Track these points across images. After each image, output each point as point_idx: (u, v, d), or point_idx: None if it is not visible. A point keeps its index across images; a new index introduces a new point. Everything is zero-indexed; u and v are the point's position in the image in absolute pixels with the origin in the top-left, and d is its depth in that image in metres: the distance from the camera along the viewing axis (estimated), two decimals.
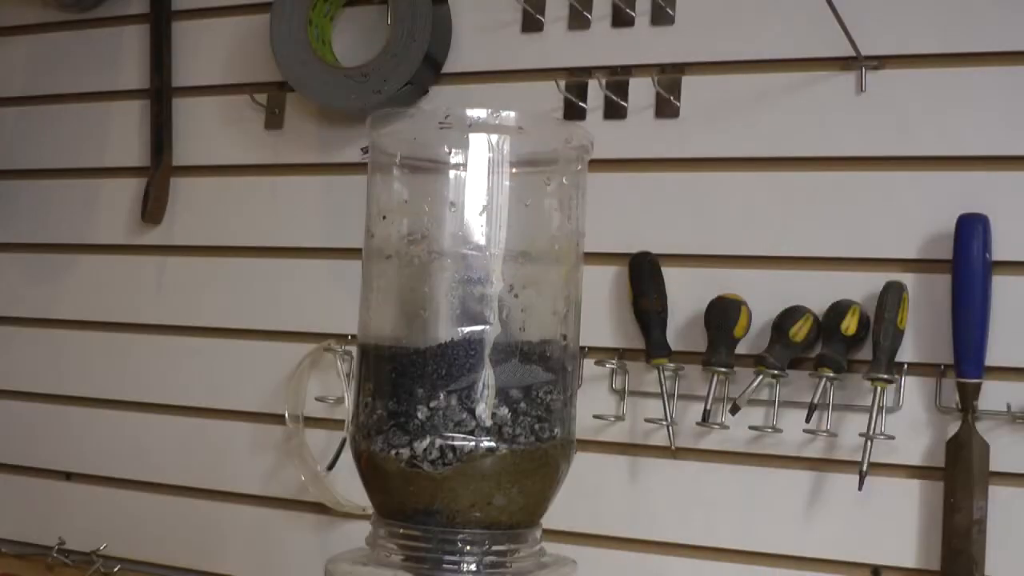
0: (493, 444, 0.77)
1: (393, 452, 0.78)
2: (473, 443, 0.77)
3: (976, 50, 1.16)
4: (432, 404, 0.78)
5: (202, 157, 1.52)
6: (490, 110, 0.79)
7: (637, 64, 1.30)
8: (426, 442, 0.77)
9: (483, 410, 0.77)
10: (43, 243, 1.60)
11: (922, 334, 1.17)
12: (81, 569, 1.47)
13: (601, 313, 1.29)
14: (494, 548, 0.80)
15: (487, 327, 0.78)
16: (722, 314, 1.20)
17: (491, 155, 0.80)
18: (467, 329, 0.78)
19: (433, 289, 0.83)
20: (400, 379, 0.79)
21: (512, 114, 0.79)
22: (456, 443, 0.77)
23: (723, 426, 1.21)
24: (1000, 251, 1.14)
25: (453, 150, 0.81)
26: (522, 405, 0.79)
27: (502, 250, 0.80)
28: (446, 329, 0.80)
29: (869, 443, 1.13)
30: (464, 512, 0.78)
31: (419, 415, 0.78)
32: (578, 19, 1.33)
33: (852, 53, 1.18)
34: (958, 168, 1.17)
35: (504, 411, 0.78)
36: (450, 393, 0.78)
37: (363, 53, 1.40)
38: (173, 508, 1.48)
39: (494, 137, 0.80)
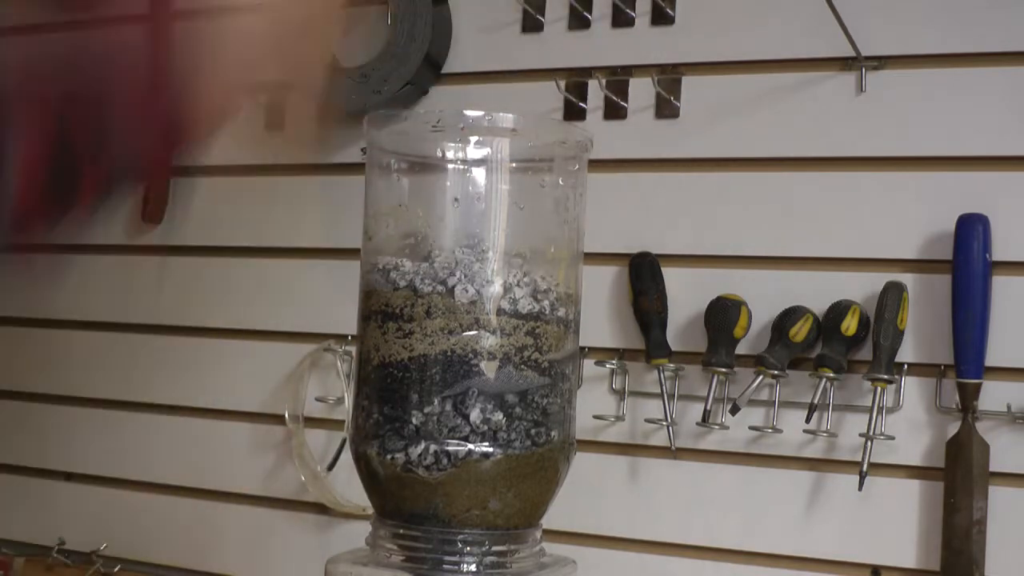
0: (488, 449, 0.77)
1: (389, 457, 0.78)
2: (467, 448, 0.77)
3: (976, 50, 1.16)
4: (427, 410, 0.77)
5: (202, 157, 1.51)
6: (484, 112, 0.79)
7: (637, 64, 1.30)
8: (421, 447, 0.77)
9: (477, 415, 0.77)
10: (43, 243, 1.59)
11: (922, 334, 1.16)
12: (81, 569, 1.47)
13: (601, 313, 1.28)
14: (494, 549, 0.80)
15: (482, 331, 0.78)
16: (722, 314, 1.20)
17: (486, 157, 0.80)
18: (463, 333, 0.78)
19: None
20: (395, 384, 0.79)
21: (506, 116, 0.79)
22: (450, 448, 0.77)
23: (723, 426, 1.21)
24: (1000, 251, 1.13)
25: (448, 152, 0.81)
26: (517, 410, 0.78)
27: (499, 251, 0.79)
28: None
29: (869, 443, 1.13)
30: (460, 516, 0.78)
31: (414, 420, 0.77)
32: (578, 19, 1.33)
33: (852, 53, 1.17)
34: (958, 168, 1.17)
35: (499, 416, 0.77)
36: (444, 399, 0.77)
37: (363, 53, 1.40)
38: (173, 508, 1.48)
39: (489, 139, 0.80)
